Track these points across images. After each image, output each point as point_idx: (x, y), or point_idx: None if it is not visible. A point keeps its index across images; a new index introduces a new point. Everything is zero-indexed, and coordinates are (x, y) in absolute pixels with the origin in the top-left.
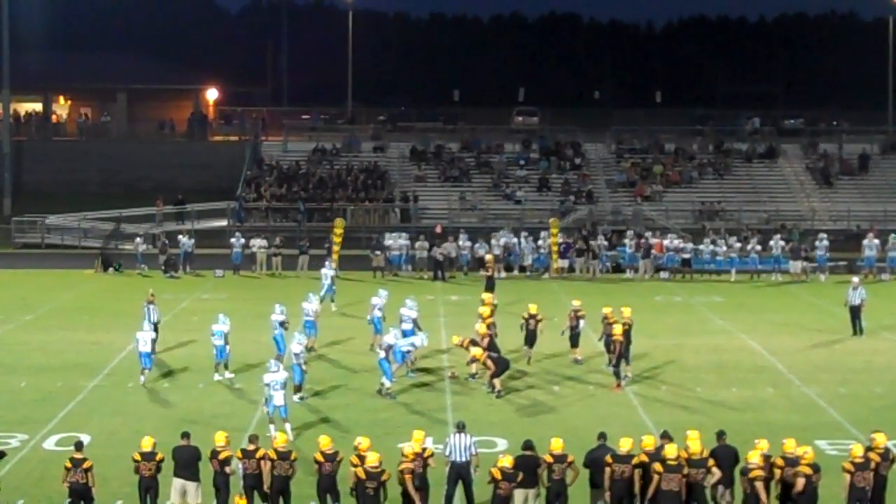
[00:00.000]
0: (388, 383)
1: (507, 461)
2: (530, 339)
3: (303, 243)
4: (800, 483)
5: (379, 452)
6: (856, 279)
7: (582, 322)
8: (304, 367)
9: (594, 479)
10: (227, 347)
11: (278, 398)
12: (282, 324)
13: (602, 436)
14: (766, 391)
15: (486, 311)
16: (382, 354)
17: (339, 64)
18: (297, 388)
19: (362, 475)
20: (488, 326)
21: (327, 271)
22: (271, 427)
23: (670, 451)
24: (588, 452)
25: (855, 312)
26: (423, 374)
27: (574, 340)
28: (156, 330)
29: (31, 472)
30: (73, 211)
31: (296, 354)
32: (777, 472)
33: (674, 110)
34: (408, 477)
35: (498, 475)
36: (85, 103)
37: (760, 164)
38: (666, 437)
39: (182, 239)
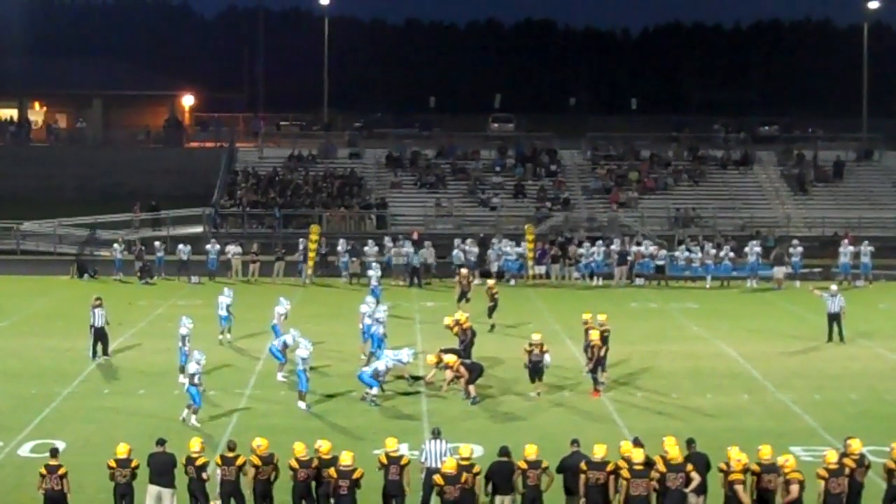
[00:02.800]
0: (374, 390)
1: (449, 466)
2: (490, 310)
3: (278, 250)
4: (794, 490)
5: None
6: (833, 287)
7: (548, 357)
8: (308, 373)
9: (569, 486)
10: (186, 349)
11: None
12: (285, 345)
13: (575, 442)
14: (742, 397)
15: (453, 319)
16: (368, 370)
17: (315, 70)
18: (302, 396)
19: (334, 474)
20: (464, 332)
21: (374, 273)
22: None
23: (637, 455)
24: (562, 459)
25: (833, 319)
26: (398, 381)
27: (537, 374)
28: (104, 333)
29: (5, 479)
30: (48, 217)
31: (302, 359)
32: (751, 478)
33: (649, 117)
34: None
35: (440, 481)
36: (60, 109)
37: (735, 170)
38: (637, 444)
39: (179, 246)
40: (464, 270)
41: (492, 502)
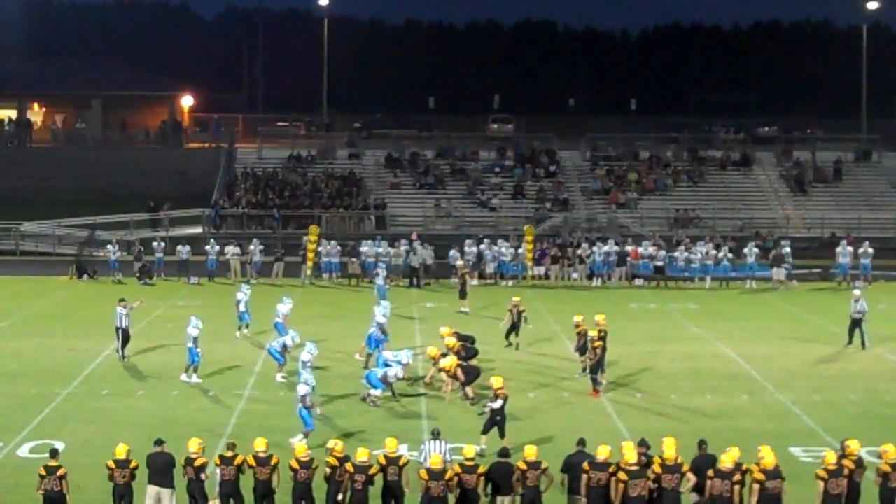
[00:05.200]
0: (377, 392)
1: (435, 462)
2: (516, 328)
3: (277, 250)
4: (754, 489)
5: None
6: (856, 291)
7: (500, 402)
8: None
9: (571, 485)
10: (198, 350)
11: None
12: (284, 346)
13: (581, 442)
14: (741, 398)
15: (447, 333)
16: (379, 374)
17: (314, 71)
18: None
19: (350, 469)
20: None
21: (381, 272)
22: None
23: (631, 456)
24: (566, 458)
25: (856, 324)
26: (397, 381)
27: (494, 426)
28: (127, 335)
29: (5, 480)
30: (47, 218)
31: (304, 363)
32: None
33: (649, 118)
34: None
35: (425, 475)
36: (60, 110)
37: (735, 171)
38: (643, 444)
39: (178, 247)
40: (460, 263)
41: (492, 502)
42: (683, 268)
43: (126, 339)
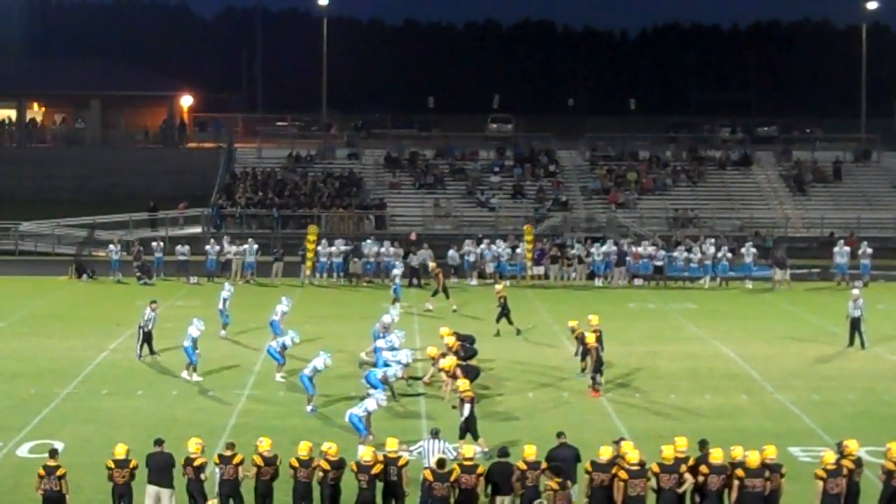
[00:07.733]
0: (378, 392)
1: (436, 462)
2: (499, 315)
3: (276, 250)
4: (734, 485)
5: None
6: (855, 291)
7: (467, 407)
8: (313, 378)
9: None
10: (197, 351)
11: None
12: (284, 346)
13: (560, 434)
14: (740, 398)
15: (446, 333)
16: (379, 374)
17: (313, 70)
18: (309, 399)
19: (354, 468)
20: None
21: (397, 271)
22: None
23: (633, 456)
24: (549, 451)
25: (855, 325)
26: (397, 381)
27: (469, 431)
28: (149, 336)
29: (4, 480)
30: (46, 218)
31: (316, 369)
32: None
33: (648, 118)
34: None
35: (430, 476)
36: (59, 109)
37: (734, 171)
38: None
39: (178, 247)
40: (432, 264)
41: (492, 502)
42: (683, 267)
43: (148, 338)
